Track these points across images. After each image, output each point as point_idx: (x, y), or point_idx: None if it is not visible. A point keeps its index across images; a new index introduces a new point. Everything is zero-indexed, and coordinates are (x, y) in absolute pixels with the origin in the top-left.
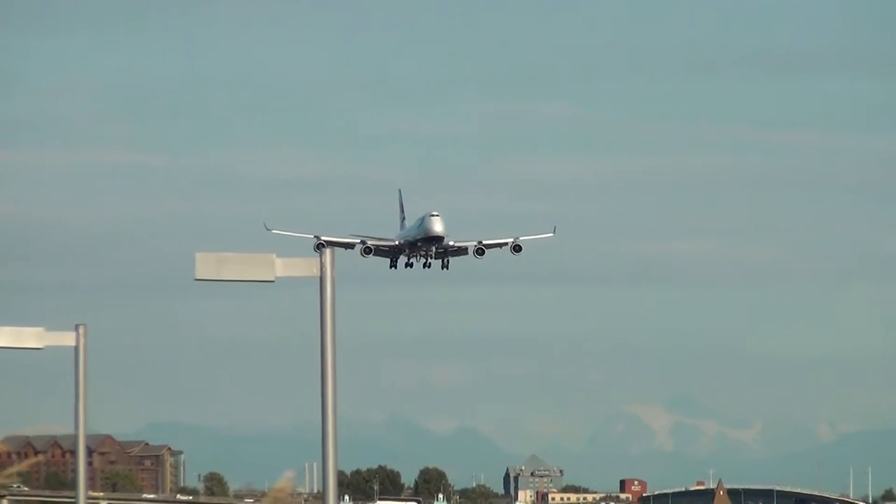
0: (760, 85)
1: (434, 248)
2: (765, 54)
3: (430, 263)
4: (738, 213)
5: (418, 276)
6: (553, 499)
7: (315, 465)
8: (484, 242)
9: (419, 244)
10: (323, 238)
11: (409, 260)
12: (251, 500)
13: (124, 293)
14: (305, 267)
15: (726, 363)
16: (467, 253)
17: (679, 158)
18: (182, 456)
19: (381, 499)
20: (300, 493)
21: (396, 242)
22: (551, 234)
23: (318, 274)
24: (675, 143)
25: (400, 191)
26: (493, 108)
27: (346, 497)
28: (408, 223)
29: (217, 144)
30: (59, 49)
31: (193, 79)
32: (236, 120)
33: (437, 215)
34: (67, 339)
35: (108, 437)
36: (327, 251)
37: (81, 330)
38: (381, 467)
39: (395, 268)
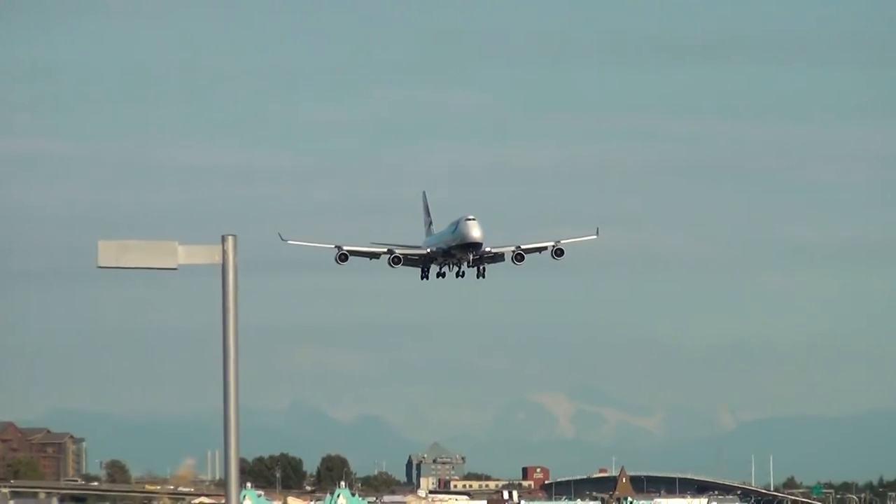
0: (667, 73)
1: (471, 256)
2: (671, 42)
3: (463, 272)
4: (642, 201)
5: (322, 262)
6: (455, 486)
7: (217, 452)
8: (523, 247)
9: (453, 252)
10: (345, 248)
11: (441, 269)
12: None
13: (25, 281)
14: (207, 254)
15: (629, 351)
16: (503, 259)
17: (584, 146)
18: (84, 443)
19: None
20: (202, 481)
21: (427, 251)
22: (595, 236)
23: (221, 261)
24: (581, 130)
25: (424, 193)
26: (398, 95)
27: (249, 484)
28: (435, 228)
29: (120, 132)
30: None
31: (96, 66)
32: (139, 108)
33: (473, 219)
34: None
35: (11, 425)
36: (230, 238)
37: None
38: (283, 455)
39: (427, 278)
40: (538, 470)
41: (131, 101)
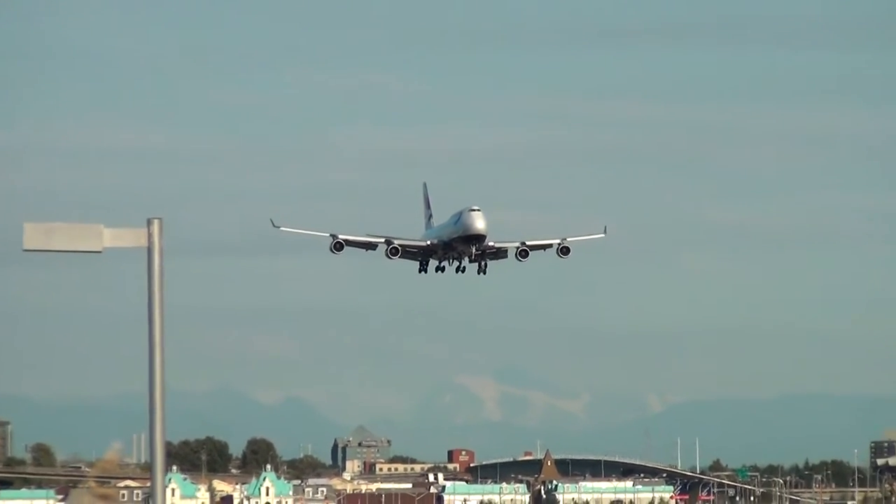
0: (582, 56)
1: (473, 249)
2: (588, 25)
3: (464, 267)
4: (565, 185)
5: (248, 245)
6: (381, 469)
7: (143, 436)
8: (528, 243)
9: (455, 244)
10: (341, 237)
11: (440, 263)
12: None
13: None
14: (133, 237)
15: (555, 335)
16: (506, 256)
17: (498, 129)
18: (9, 426)
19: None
20: (128, 464)
21: (428, 243)
22: (602, 235)
23: (147, 244)
24: (495, 113)
25: (425, 184)
26: (316, 79)
27: (174, 468)
28: (436, 220)
29: (35, 115)
30: None
31: (17, 50)
32: (54, 90)
33: (477, 210)
34: None
35: None
36: (155, 221)
37: None
38: (208, 438)
39: (426, 272)
40: (463, 453)
41: (52, 85)
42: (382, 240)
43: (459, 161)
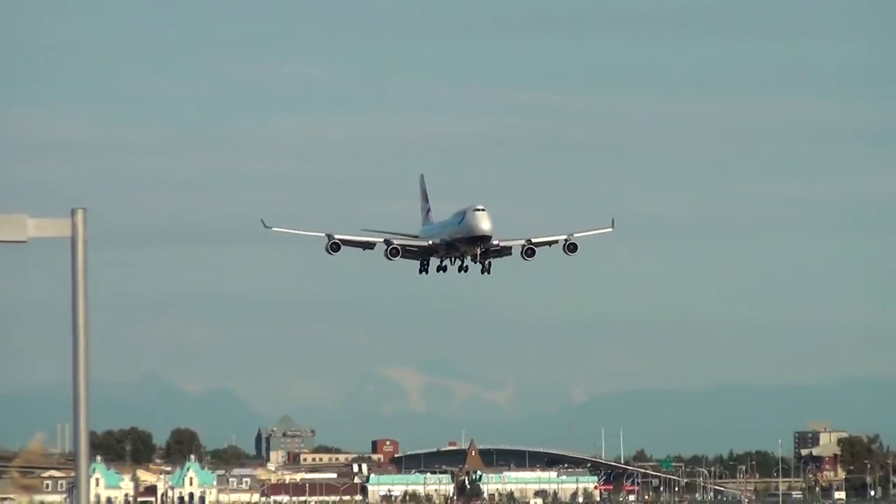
0: (515, 45)
1: (478, 251)
2: (520, 14)
3: (467, 267)
4: (491, 176)
5: (174, 234)
6: (305, 459)
7: (67, 426)
8: (533, 241)
9: (458, 245)
10: (337, 237)
11: (442, 262)
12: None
13: None
14: (57, 227)
15: (479, 325)
16: (511, 254)
17: (430, 118)
18: None
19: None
20: (52, 454)
21: (429, 242)
22: (610, 229)
23: (71, 234)
24: (427, 102)
25: (422, 176)
26: (235, 67)
27: (98, 458)
28: (434, 216)
29: None
30: None
31: None
32: None
33: (482, 210)
34: None
35: None
36: (79, 211)
37: None
38: (132, 428)
39: (427, 272)
40: (388, 443)
41: None
42: (381, 239)
43: (392, 150)
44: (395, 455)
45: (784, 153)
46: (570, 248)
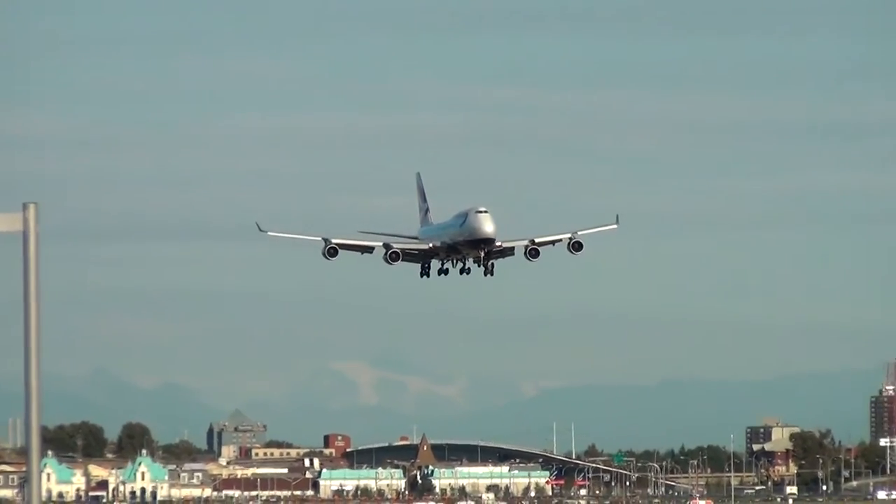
0: (464, 40)
1: (482, 254)
2: (473, 9)
3: (469, 269)
4: (447, 171)
5: (126, 230)
6: (256, 454)
7: (18, 420)
8: (536, 240)
9: (460, 247)
10: (335, 242)
11: (443, 265)
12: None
13: None
14: (8, 222)
15: (431, 320)
16: (513, 254)
17: (385, 114)
18: None
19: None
20: (3, 449)
21: (430, 245)
22: (615, 226)
23: (22, 229)
24: (381, 98)
25: (419, 174)
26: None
27: (49, 452)
28: (432, 217)
29: None
30: None
31: None
32: None
33: (485, 212)
34: None
35: None
36: (31, 206)
37: None
38: (84, 423)
39: (427, 276)
40: (339, 438)
41: None
42: (380, 243)
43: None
44: (347, 450)
45: (738, 149)
46: (575, 246)
